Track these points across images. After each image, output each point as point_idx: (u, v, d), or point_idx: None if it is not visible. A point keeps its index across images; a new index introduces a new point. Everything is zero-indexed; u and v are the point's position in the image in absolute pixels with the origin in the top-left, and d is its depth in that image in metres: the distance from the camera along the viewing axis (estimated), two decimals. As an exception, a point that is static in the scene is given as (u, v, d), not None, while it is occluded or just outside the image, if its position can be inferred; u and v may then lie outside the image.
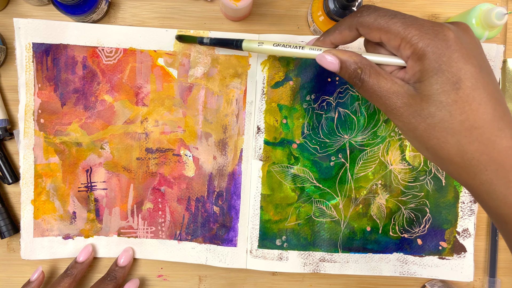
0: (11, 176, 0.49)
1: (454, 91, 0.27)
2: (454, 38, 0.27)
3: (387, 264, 0.50)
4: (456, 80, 0.27)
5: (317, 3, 0.46)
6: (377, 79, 0.30)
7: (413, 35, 0.28)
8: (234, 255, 0.50)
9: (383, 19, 0.29)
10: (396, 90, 0.29)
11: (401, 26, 0.28)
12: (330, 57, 0.31)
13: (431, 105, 0.27)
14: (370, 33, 0.30)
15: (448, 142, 0.28)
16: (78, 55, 0.48)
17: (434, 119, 0.28)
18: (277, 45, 0.34)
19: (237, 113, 0.49)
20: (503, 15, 0.43)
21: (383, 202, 0.50)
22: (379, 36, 0.30)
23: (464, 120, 0.27)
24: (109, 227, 0.50)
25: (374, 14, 0.30)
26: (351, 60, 0.31)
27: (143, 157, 0.49)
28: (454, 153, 0.28)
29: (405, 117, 0.29)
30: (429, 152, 0.29)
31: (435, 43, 0.27)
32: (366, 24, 0.30)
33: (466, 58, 0.27)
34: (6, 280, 0.51)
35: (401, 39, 0.28)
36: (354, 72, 0.31)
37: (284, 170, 0.50)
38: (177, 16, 0.50)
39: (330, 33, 0.33)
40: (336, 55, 0.31)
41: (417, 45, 0.28)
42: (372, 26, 0.30)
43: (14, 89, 0.50)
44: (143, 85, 0.49)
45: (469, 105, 0.27)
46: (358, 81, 0.30)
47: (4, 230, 0.49)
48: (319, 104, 0.49)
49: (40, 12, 0.50)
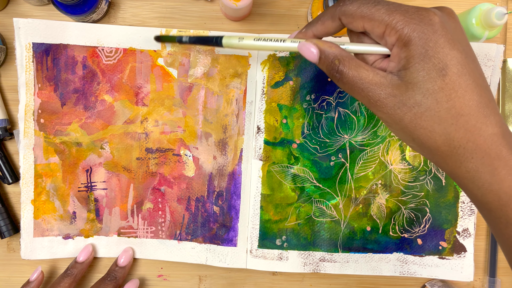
0: (11, 176, 0.49)
1: (441, 78, 0.26)
2: (440, 22, 0.27)
3: (387, 264, 0.50)
4: (443, 67, 0.26)
5: (317, 3, 0.46)
6: (357, 71, 0.29)
7: (397, 20, 0.27)
8: (234, 255, 0.50)
9: (366, 7, 0.28)
10: (378, 81, 0.28)
11: (385, 12, 0.28)
12: (310, 47, 0.30)
13: (417, 93, 0.27)
14: (353, 22, 0.29)
15: (435, 131, 0.27)
16: (78, 55, 0.48)
17: (420, 108, 0.27)
18: (257, 40, 0.32)
19: (237, 113, 0.49)
20: (503, 15, 0.43)
21: (383, 202, 0.50)
22: (362, 24, 0.29)
23: (450, 107, 0.27)
24: (109, 227, 0.50)
25: (356, 2, 0.29)
26: (330, 51, 0.30)
27: (143, 157, 0.49)
28: (441, 142, 0.27)
29: (390, 108, 0.28)
30: (415, 142, 0.29)
31: (421, 28, 0.27)
32: (349, 12, 0.29)
33: (452, 44, 0.27)
34: (6, 280, 0.51)
35: (385, 25, 0.28)
36: (331, 64, 0.30)
37: (284, 170, 0.50)
38: (177, 16, 0.50)
39: (313, 25, 0.32)
40: (316, 44, 0.30)
41: (402, 31, 0.27)
42: (355, 15, 0.29)
43: (14, 89, 0.50)
44: (143, 85, 0.49)
45: (455, 92, 0.26)
46: (336, 73, 0.30)
47: (4, 230, 0.49)
48: (319, 104, 0.49)
49: (40, 12, 0.50)
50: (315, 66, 0.49)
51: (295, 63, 0.49)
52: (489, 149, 0.27)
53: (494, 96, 0.49)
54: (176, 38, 0.39)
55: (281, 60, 0.49)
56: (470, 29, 0.46)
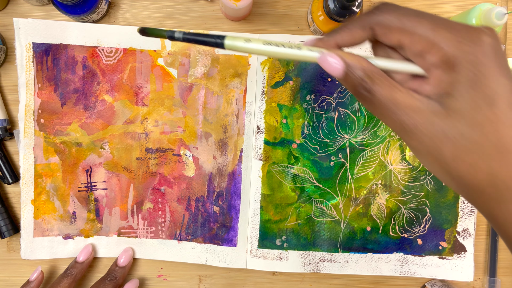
0: (11, 176, 0.49)
1: (490, 108, 0.23)
2: (491, 45, 0.24)
3: (387, 264, 0.50)
4: (493, 96, 0.23)
5: (317, 3, 0.46)
6: (390, 91, 0.25)
7: (443, 38, 0.24)
8: (234, 255, 0.50)
9: (407, 19, 0.25)
10: (415, 105, 0.24)
11: (429, 27, 0.24)
12: (334, 59, 0.26)
13: (461, 124, 0.23)
14: (389, 34, 0.26)
15: (477, 167, 0.24)
16: (78, 55, 0.48)
17: (464, 140, 0.23)
18: (268, 44, 0.27)
19: (237, 113, 0.49)
20: (503, 15, 0.43)
21: (383, 202, 0.50)
22: (399, 38, 0.25)
23: (497, 141, 0.23)
24: (109, 227, 0.50)
25: (396, 12, 0.25)
26: (359, 66, 0.25)
27: (143, 157, 0.49)
28: (483, 179, 0.24)
29: (426, 137, 0.24)
30: (452, 178, 0.25)
31: (470, 49, 0.23)
32: (387, 23, 0.25)
33: (503, 70, 0.23)
34: (6, 280, 0.51)
35: (427, 42, 0.24)
36: (360, 81, 0.25)
37: (284, 170, 0.50)
38: (177, 16, 0.50)
39: (337, 32, 0.27)
40: (341, 57, 0.26)
41: (448, 51, 0.23)
42: (394, 26, 0.25)
43: (14, 89, 0.50)
44: (143, 85, 0.49)
45: (502, 124, 0.23)
46: (366, 92, 0.25)
47: (4, 230, 0.49)
48: (319, 104, 0.49)
49: (40, 12, 0.50)
50: (316, 66, 0.49)
51: (295, 63, 0.49)
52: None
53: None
54: (167, 33, 0.31)
55: (281, 60, 0.49)
56: (470, 29, 0.46)
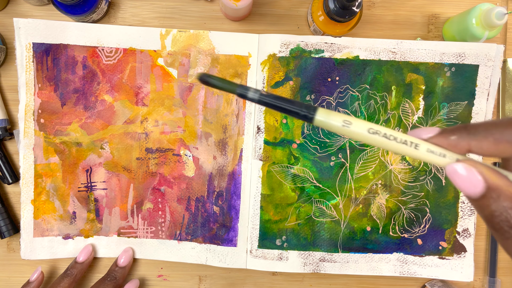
0: (11, 176, 0.49)
1: None
2: None
3: (387, 264, 0.50)
4: None
5: (317, 3, 0.46)
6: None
7: None
8: (234, 255, 0.49)
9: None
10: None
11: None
12: (472, 174, 0.19)
13: None
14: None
15: None
16: (78, 55, 0.48)
17: None
18: (374, 133, 0.21)
19: (237, 113, 0.49)
20: (503, 15, 0.43)
21: (383, 202, 0.50)
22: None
23: None
24: (109, 227, 0.50)
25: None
26: (507, 193, 0.18)
27: (143, 157, 0.49)
28: None
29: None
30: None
31: None
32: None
33: None
34: (6, 280, 0.51)
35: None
36: (505, 213, 0.19)
37: (284, 170, 0.50)
38: (177, 16, 0.50)
39: (475, 136, 0.20)
40: (483, 174, 0.19)
41: None
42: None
43: (14, 89, 0.50)
44: (143, 85, 0.49)
45: None
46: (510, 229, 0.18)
47: (4, 230, 0.49)
48: (319, 104, 0.49)
49: (40, 12, 0.50)
50: (316, 66, 0.49)
51: (295, 63, 0.49)
52: None
53: (494, 96, 0.49)
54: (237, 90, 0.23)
55: (281, 60, 0.49)
56: (470, 29, 0.46)
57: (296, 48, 0.49)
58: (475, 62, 0.49)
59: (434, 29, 0.51)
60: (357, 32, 0.50)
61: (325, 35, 0.48)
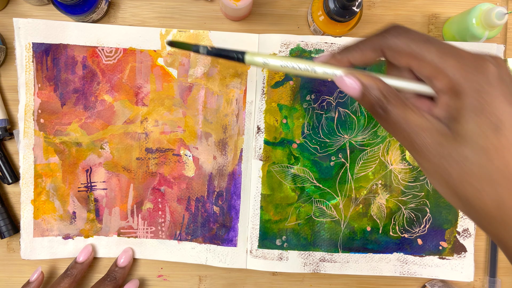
0: (11, 176, 0.49)
1: (495, 135, 0.24)
2: (497, 74, 0.24)
3: (387, 264, 0.50)
4: (497, 123, 0.24)
5: (317, 3, 0.46)
6: (404, 111, 0.26)
7: (450, 66, 0.25)
8: (234, 255, 0.49)
9: (415, 44, 0.26)
10: (425, 125, 0.25)
11: (436, 54, 0.25)
12: (351, 81, 0.27)
13: (466, 148, 0.24)
14: (398, 58, 0.27)
15: (484, 191, 0.24)
16: (78, 55, 0.48)
17: (470, 164, 0.24)
18: (284, 66, 0.30)
19: (237, 113, 0.49)
20: (503, 15, 0.43)
21: (383, 202, 0.50)
22: (407, 62, 0.26)
23: (504, 168, 0.24)
24: (109, 227, 0.50)
25: (404, 36, 0.26)
26: (375, 86, 0.26)
27: (143, 157, 0.49)
28: (490, 204, 0.25)
29: (434, 157, 0.25)
30: (460, 200, 0.26)
31: (475, 78, 0.24)
32: (396, 47, 0.26)
33: (507, 98, 0.24)
34: (6, 280, 0.51)
35: (435, 69, 0.25)
36: (377, 101, 0.26)
37: (284, 170, 0.50)
38: (177, 16, 0.50)
39: (350, 52, 0.29)
40: (358, 79, 0.27)
41: (454, 79, 0.24)
42: (402, 51, 0.26)
43: (14, 89, 0.50)
44: (143, 85, 0.49)
45: (508, 151, 0.24)
46: (382, 111, 0.26)
47: (4, 230, 0.49)
48: (319, 104, 0.49)
49: (40, 12, 0.50)
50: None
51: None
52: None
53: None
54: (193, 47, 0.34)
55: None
56: (470, 29, 0.46)
57: (296, 48, 0.49)
58: (475, 62, 0.48)
59: (434, 29, 0.51)
60: (357, 32, 0.50)
61: (325, 35, 0.48)
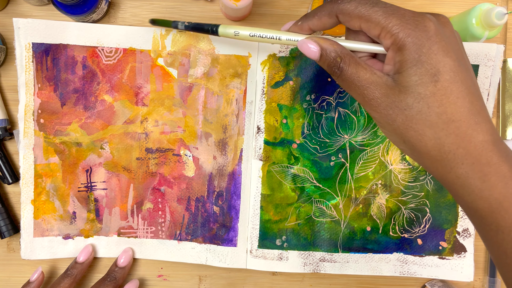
0: (11, 176, 0.49)
1: (433, 83, 0.27)
2: (435, 29, 0.27)
3: (387, 264, 0.50)
4: (435, 72, 0.27)
5: (317, 2, 0.46)
6: (356, 69, 0.29)
7: (393, 24, 0.28)
8: (234, 255, 0.49)
9: (363, 7, 0.29)
10: (374, 80, 0.29)
11: (382, 15, 0.28)
12: (311, 44, 0.31)
13: (409, 97, 0.27)
14: (350, 21, 0.30)
15: (425, 135, 0.28)
16: (78, 55, 0.48)
17: (412, 110, 0.27)
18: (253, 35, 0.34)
19: (237, 113, 0.49)
20: (503, 15, 0.43)
21: (383, 202, 0.50)
22: (359, 24, 0.30)
23: (441, 112, 0.27)
24: (109, 227, 0.50)
25: (354, 1, 0.29)
26: (331, 48, 0.30)
27: (143, 157, 0.49)
28: (431, 146, 0.28)
29: (383, 108, 0.29)
30: (406, 145, 0.29)
31: (415, 33, 0.27)
32: (347, 11, 0.30)
33: (446, 51, 0.27)
34: (6, 280, 0.51)
35: (381, 28, 0.28)
36: (333, 61, 0.30)
37: (284, 170, 0.50)
38: (177, 16, 0.50)
39: (309, 19, 0.33)
40: (317, 42, 0.31)
41: (397, 35, 0.28)
42: (353, 14, 0.29)
43: (14, 89, 0.50)
44: (143, 85, 0.49)
45: (446, 98, 0.27)
46: (337, 70, 0.30)
47: (4, 230, 0.49)
48: (319, 104, 0.49)
49: (40, 12, 0.50)
50: (315, 66, 0.49)
51: (295, 63, 0.49)
52: (480, 156, 0.27)
53: (494, 96, 0.50)
54: (172, 23, 0.39)
55: (281, 60, 0.49)
56: (470, 29, 0.46)
57: (296, 48, 0.49)
58: (475, 62, 0.49)
59: (434, 29, 0.51)
60: (357, 32, 0.50)
61: (325, 35, 0.48)
